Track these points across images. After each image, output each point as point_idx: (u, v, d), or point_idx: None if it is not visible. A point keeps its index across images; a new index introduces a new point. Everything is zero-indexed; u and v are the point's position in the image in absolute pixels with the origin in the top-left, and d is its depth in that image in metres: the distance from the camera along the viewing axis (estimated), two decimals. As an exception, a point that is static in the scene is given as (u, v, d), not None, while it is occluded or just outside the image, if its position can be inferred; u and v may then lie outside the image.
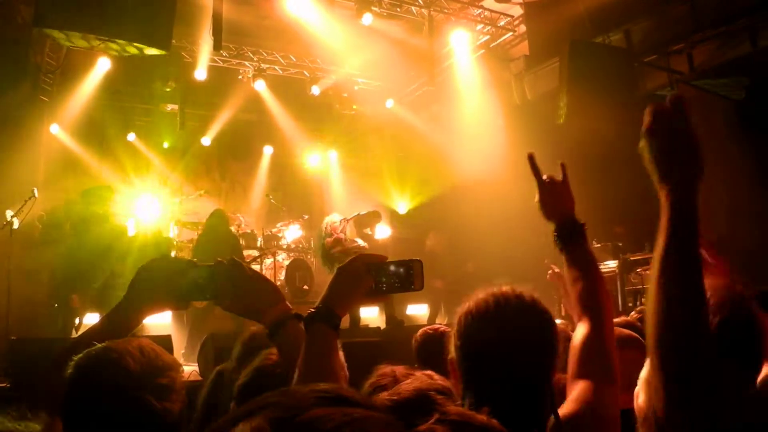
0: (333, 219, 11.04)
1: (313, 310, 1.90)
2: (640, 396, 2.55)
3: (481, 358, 1.91)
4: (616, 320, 3.90)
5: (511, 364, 1.85)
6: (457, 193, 12.41)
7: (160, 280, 2.04)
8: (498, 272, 11.50)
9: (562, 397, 1.96)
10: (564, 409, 1.88)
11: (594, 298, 2.18)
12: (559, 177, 2.47)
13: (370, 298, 2.02)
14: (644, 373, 2.59)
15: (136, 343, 1.76)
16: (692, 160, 1.84)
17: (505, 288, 2.01)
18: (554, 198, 2.42)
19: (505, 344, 1.89)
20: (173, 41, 9.70)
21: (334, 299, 1.92)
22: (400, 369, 2.70)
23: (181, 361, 9.31)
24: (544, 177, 2.45)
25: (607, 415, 1.94)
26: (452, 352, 2.00)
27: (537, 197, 2.45)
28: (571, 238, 2.34)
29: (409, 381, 1.71)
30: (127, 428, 1.53)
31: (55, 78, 13.06)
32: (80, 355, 1.74)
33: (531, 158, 2.48)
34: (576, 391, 1.93)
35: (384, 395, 1.59)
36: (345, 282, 1.97)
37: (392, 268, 2.03)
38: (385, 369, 2.70)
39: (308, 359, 1.80)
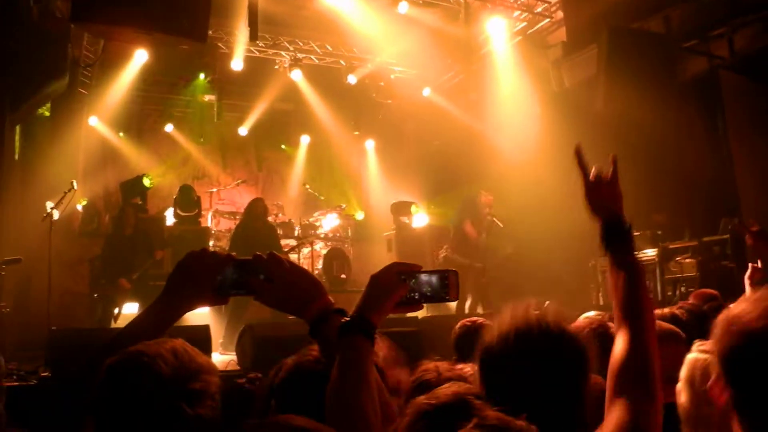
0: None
1: (347, 319, 1.87)
2: (682, 395, 2.51)
3: (503, 396, 1.81)
4: (658, 312, 3.87)
5: (534, 404, 1.74)
6: (494, 181, 12.33)
7: (199, 274, 2.01)
8: (535, 258, 11.47)
9: (598, 403, 1.90)
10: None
11: (636, 307, 2.07)
12: (607, 171, 2.32)
13: (403, 307, 1.98)
14: (684, 372, 2.55)
15: (169, 345, 1.73)
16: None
17: (530, 315, 1.91)
18: (601, 195, 2.29)
19: (528, 384, 1.82)
20: (209, 32, 9.73)
21: (369, 308, 1.89)
22: (443, 365, 2.69)
23: (219, 350, 9.38)
24: (592, 171, 2.32)
25: None
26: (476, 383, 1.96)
27: (583, 193, 2.32)
28: (617, 239, 2.21)
29: (447, 385, 1.69)
30: (159, 434, 1.51)
31: (93, 71, 13.19)
32: (113, 357, 1.73)
33: (578, 151, 2.35)
34: (614, 414, 1.84)
35: (422, 398, 1.58)
36: (379, 290, 1.93)
37: (427, 277, 2.00)
38: (429, 365, 2.69)
39: (343, 369, 1.78)
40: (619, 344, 2.01)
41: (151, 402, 1.64)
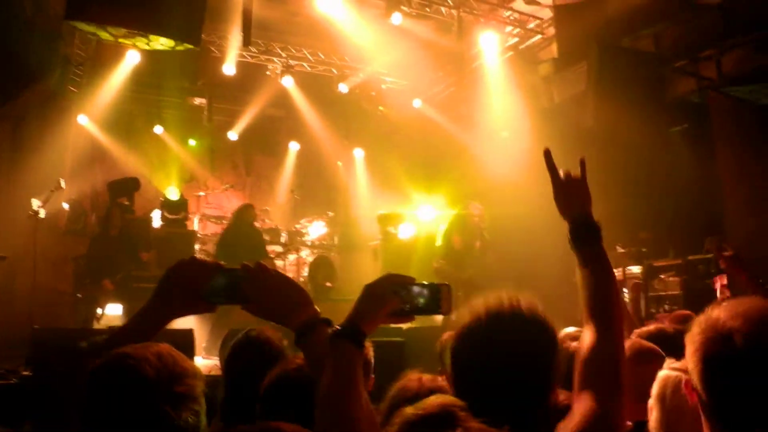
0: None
1: (338, 327, 1.90)
2: (653, 411, 2.55)
3: (472, 377, 1.90)
4: (646, 328, 3.92)
5: (504, 381, 1.83)
6: (482, 194, 12.37)
7: (187, 282, 2.05)
8: (523, 273, 11.50)
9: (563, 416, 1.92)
10: (568, 423, 1.84)
11: (604, 304, 2.10)
12: (577, 173, 2.38)
13: (394, 318, 2.00)
14: (655, 389, 2.60)
15: (155, 349, 1.75)
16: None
17: (504, 298, 1.97)
18: (570, 195, 2.33)
19: (498, 360, 1.86)
20: (203, 36, 9.75)
21: (361, 317, 1.92)
22: (426, 377, 2.72)
23: (203, 354, 9.36)
24: (561, 172, 2.37)
25: (613, 429, 1.89)
26: (447, 365, 2.00)
27: (554, 194, 2.38)
28: (585, 238, 2.25)
29: (434, 396, 1.72)
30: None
31: (85, 70, 13.16)
32: (99, 359, 1.75)
33: (547, 154, 2.40)
34: (581, 404, 1.87)
35: (409, 409, 1.60)
36: (372, 301, 1.96)
37: (419, 289, 2.01)
38: (412, 376, 2.72)
39: (332, 376, 1.80)
40: (587, 338, 2.04)
41: (135, 404, 1.65)
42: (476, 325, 1.93)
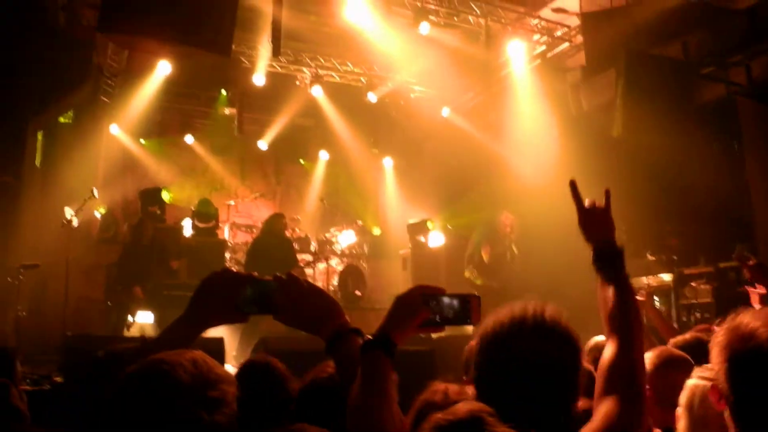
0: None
1: (370, 337, 1.94)
2: (681, 420, 2.57)
3: (495, 385, 1.93)
4: (683, 337, 3.92)
5: (525, 389, 1.86)
6: (511, 202, 12.34)
7: (221, 294, 2.11)
8: (550, 281, 11.46)
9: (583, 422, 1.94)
10: (589, 428, 1.87)
11: (624, 319, 2.16)
12: (601, 202, 2.48)
13: (424, 328, 2.03)
14: (683, 398, 2.62)
15: (189, 356, 1.78)
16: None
17: (528, 307, 2.01)
18: (594, 223, 2.45)
19: (519, 369, 1.89)
20: (233, 46, 9.83)
21: (392, 327, 1.96)
22: (453, 387, 2.73)
23: (233, 362, 9.42)
24: (586, 202, 2.48)
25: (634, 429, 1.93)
26: (472, 369, 2.02)
27: (578, 220, 2.49)
28: (608, 262, 2.35)
29: (463, 403, 1.74)
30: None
31: (117, 80, 13.32)
32: (134, 365, 1.78)
33: (573, 185, 2.52)
34: (602, 410, 1.92)
35: (438, 415, 1.63)
36: (402, 311, 1.99)
37: (449, 300, 2.04)
38: (439, 386, 2.74)
39: (364, 384, 1.85)
40: (608, 351, 2.11)
41: (170, 408, 1.68)
42: (499, 330, 1.97)
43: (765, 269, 4.77)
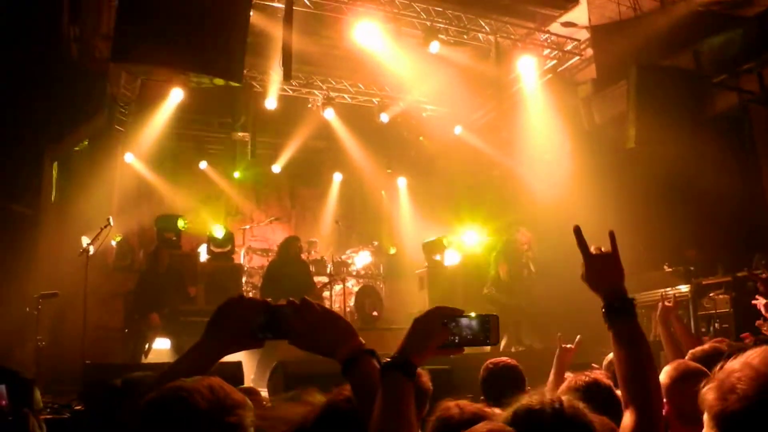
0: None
1: (389, 359, 1.94)
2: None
3: None
4: (702, 347, 3.89)
5: None
6: (526, 218, 12.32)
7: (236, 320, 2.13)
8: (566, 296, 11.41)
9: None
10: None
11: (642, 384, 2.13)
12: (607, 247, 2.38)
13: (443, 350, 2.02)
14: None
15: (206, 382, 1.81)
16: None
17: (545, 398, 1.92)
18: (602, 271, 2.35)
19: None
20: (244, 72, 9.89)
21: (411, 349, 1.95)
22: (465, 402, 2.72)
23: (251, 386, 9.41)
24: (592, 249, 2.38)
25: None
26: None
27: (582, 271, 2.38)
28: (620, 312, 2.26)
29: (484, 423, 1.72)
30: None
31: (130, 109, 13.41)
32: (152, 393, 1.80)
33: (577, 231, 2.40)
34: None
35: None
36: (421, 333, 1.99)
37: (467, 321, 2.05)
38: (450, 403, 2.73)
39: (385, 406, 1.85)
40: (628, 422, 2.06)
41: None
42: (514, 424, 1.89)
43: None
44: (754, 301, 5.16)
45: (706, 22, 10.17)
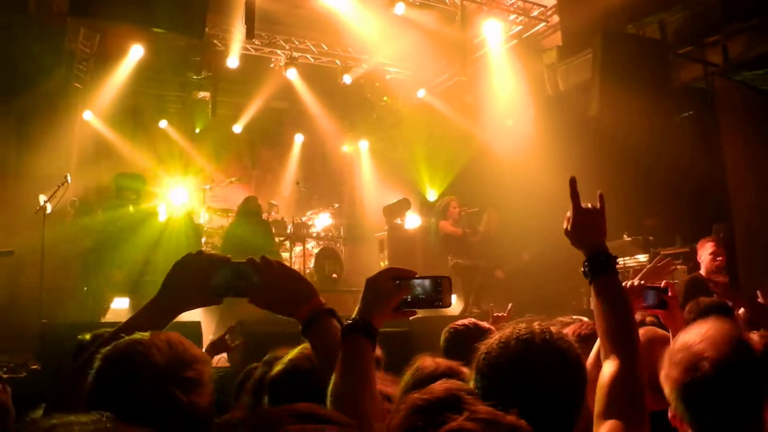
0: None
1: (350, 321, 1.94)
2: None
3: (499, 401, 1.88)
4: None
5: (529, 410, 1.81)
6: (487, 183, 12.37)
7: (194, 277, 2.10)
8: (526, 261, 11.50)
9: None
10: None
11: (624, 334, 2.11)
12: (595, 204, 2.36)
13: (398, 312, 2.03)
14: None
15: (164, 337, 1.78)
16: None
17: (533, 327, 1.92)
18: (588, 226, 2.33)
19: (526, 390, 1.80)
20: (206, 29, 9.74)
21: (369, 311, 1.96)
22: (441, 359, 2.74)
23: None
24: (583, 204, 2.36)
25: None
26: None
27: (566, 224, 2.37)
28: (601, 269, 2.24)
29: (440, 381, 1.72)
30: (153, 420, 1.53)
31: (89, 65, 13.17)
32: (108, 347, 1.77)
33: (573, 183, 2.38)
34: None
35: (415, 394, 1.61)
36: (376, 294, 1.99)
37: (419, 281, 2.04)
38: (426, 359, 2.74)
39: (345, 368, 1.85)
40: (609, 370, 2.04)
41: (145, 389, 1.67)
42: (505, 350, 1.88)
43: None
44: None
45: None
